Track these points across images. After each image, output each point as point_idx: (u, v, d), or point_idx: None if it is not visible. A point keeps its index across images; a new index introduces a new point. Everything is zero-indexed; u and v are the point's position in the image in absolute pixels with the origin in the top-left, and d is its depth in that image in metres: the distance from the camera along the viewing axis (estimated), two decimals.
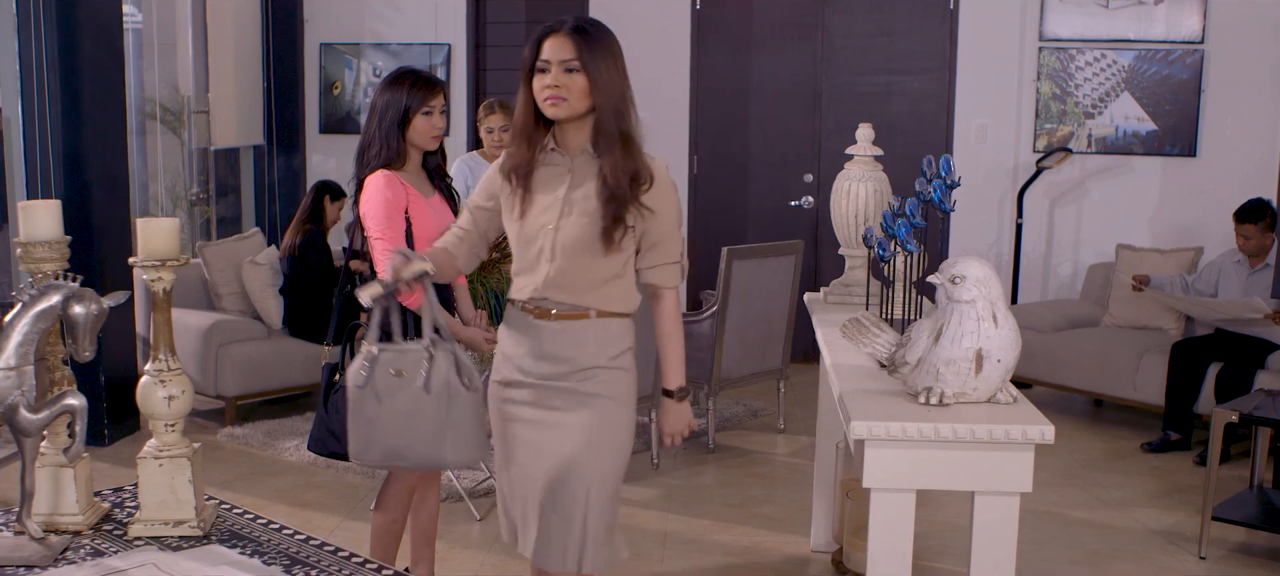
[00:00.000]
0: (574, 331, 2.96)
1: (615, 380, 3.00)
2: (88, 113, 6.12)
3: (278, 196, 8.70)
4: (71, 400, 2.55)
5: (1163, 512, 5.57)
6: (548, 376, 2.97)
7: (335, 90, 8.86)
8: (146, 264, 2.70)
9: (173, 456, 2.71)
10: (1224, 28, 7.59)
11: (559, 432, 2.96)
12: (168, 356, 2.74)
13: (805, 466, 6.10)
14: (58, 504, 2.75)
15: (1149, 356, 6.72)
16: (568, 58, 2.85)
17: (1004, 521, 3.06)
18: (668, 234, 2.99)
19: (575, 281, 2.93)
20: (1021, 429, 2.97)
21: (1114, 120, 7.83)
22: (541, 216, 2.94)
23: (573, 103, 2.86)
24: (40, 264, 2.69)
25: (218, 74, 8.11)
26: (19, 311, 2.54)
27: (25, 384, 2.51)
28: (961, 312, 3.09)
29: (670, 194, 2.99)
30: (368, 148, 3.81)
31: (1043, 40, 7.88)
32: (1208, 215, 7.60)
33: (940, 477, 3.05)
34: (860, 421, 2.99)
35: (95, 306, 2.55)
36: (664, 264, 3.02)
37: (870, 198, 4.68)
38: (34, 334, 2.53)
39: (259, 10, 8.54)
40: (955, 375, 3.10)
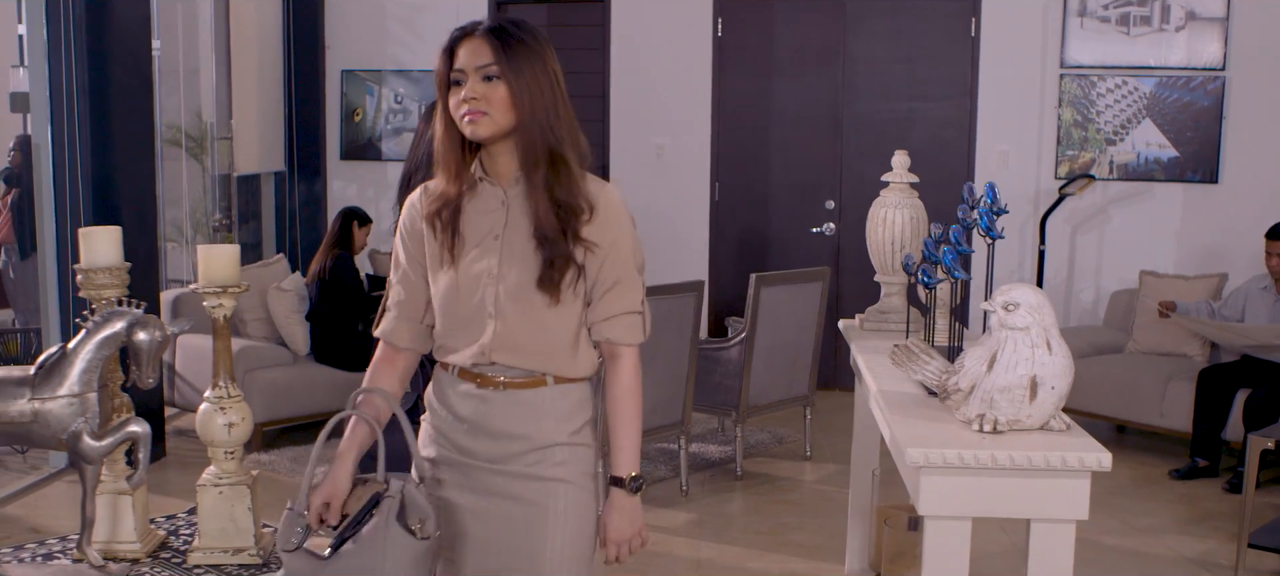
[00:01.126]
0: (528, 403, 2.43)
1: (578, 459, 2.46)
2: (118, 139, 6.13)
3: (298, 222, 8.71)
4: (134, 427, 2.55)
5: (1195, 540, 5.55)
6: (493, 459, 2.45)
7: (356, 117, 8.88)
8: (208, 290, 2.69)
9: (232, 484, 2.71)
10: (1245, 55, 7.60)
11: (511, 527, 2.45)
12: (227, 383, 2.74)
13: (834, 493, 6.09)
14: (116, 531, 2.74)
15: (1175, 383, 6.71)
16: (485, 64, 2.34)
17: (1060, 549, 3.05)
18: (622, 277, 2.43)
19: (527, 341, 2.41)
20: (1078, 456, 2.97)
21: (1135, 147, 7.83)
22: (479, 263, 2.42)
23: (495, 117, 2.34)
24: (101, 290, 2.70)
25: (240, 100, 8.13)
26: (83, 338, 2.54)
27: (89, 411, 2.51)
28: (1016, 340, 3.08)
29: (622, 226, 2.43)
30: (413, 174, 3.78)
31: (1064, 67, 7.89)
32: (1230, 241, 7.60)
33: (996, 505, 3.04)
34: (916, 449, 2.98)
35: (159, 333, 2.55)
36: (620, 314, 2.44)
37: (906, 224, 4.68)
38: (97, 361, 2.54)
39: (281, 37, 8.57)
40: (1009, 402, 3.10)
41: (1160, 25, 7.73)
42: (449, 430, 2.48)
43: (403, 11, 8.72)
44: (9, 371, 2.53)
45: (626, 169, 8.45)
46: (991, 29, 8.01)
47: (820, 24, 8.29)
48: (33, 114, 6.22)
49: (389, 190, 8.83)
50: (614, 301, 2.42)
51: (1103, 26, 7.80)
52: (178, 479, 6.08)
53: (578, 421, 2.46)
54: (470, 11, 8.49)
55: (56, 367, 2.52)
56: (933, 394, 3.48)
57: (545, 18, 8.67)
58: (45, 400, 2.48)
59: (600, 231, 2.39)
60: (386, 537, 2.34)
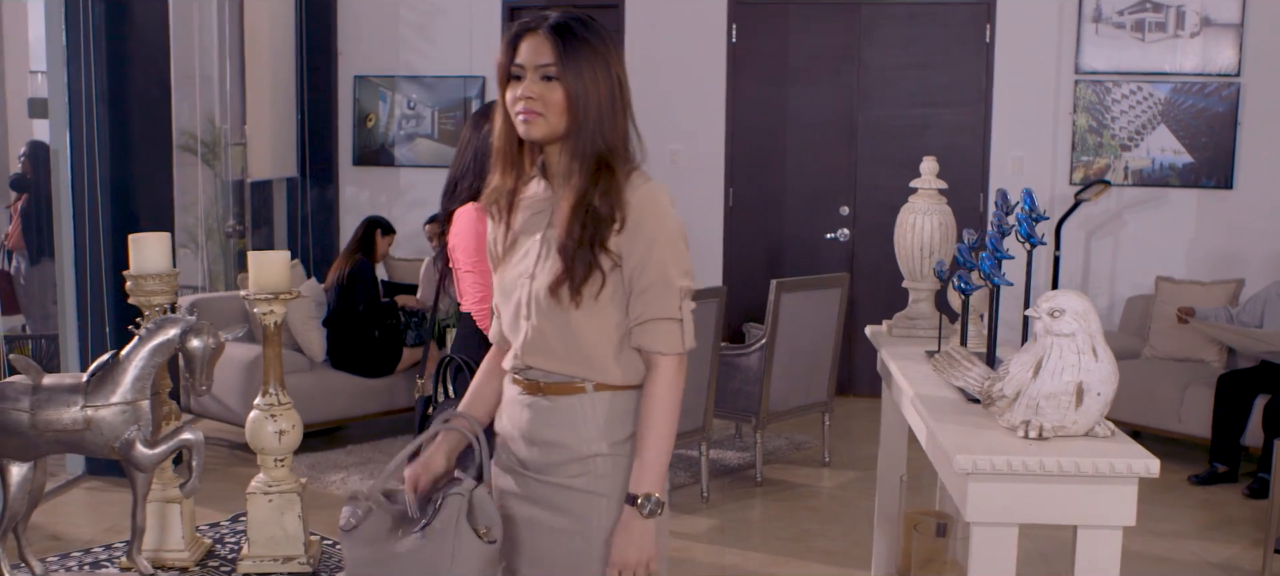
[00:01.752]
0: (566, 410, 2.37)
1: (617, 472, 2.37)
2: (137, 145, 6.12)
3: (311, 228, 8.70)
4: (188, 435, 2.54)
5: (1219, 545, 5.54)
6: (540, 468, 2.40)
7: (369, 122, 8.87)
8: (259, 297, 2.68)
9: (283, 492, 2.69)
10: (1260, 61, 7.61)
11: (556, 539, 2.40)
12: (278, 391, 2.73)
13: (855, 499, 6.08)
14: (164, 540, 2.73)
15: (1193, 388, 6.70)
16: (544, 63, 2.28)
17: (1108, 555, 3.04)
18: (656, 281, 2.31)
19: (557, 345, 2.35)
20: (1126, 462, 2.96)
21: (1150, 152, 7.84)
22: (521, 263, 2.40)
23: (549, 119, 2.29)
24: (151, 296, 2.68)
25: (253, 106, 8.12)
26: (135, 345, 2.53)
27: (142, 419, 2.50)
28: (1062, 346, 3.07)
29: (660, 231, 2.33)
30: (460, 179, 3.76)
31: (1079, 73, 7.90)
32: (1244, 247, 7.60)
33: (1043, 512, 3.03)
34: (965, 455, 2.96)
35: (212, 340, 2.53)
36: (654, 319, 2.33)
37: (935, 230, 4.67)
38: (150, 368, 2.52)
39: (294, 43, 8.56)
40: (1055, 408, 3.09)
41: (1175, 31, 7.73)
42: (506, 437, 2.47)
43: (416, 17, 8.71)
44: (60, 379, 2.52)
45: None
46: (1006, 35, 8.01)
47: (835, 31, 8.29)
48: (51, 120, 6.20)
49: (402, 196, 8.83)
50: (647, 307, 2.33)
51: (1117, 32, 7.81)
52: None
53: (621, 431, 2.37)
54: (484, 18, 8.52)
55: (109, 375, 2.51)
56: (972, 400, 3.47)
57: None
58: (98, 408, 2.47)
59: (630, 241, 2.30)
60: (455, 537, 2.32)
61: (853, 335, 7.84)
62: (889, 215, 8.07)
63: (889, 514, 5.02)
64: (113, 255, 6.09)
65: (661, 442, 2.33)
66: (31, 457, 2.50)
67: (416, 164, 8.86)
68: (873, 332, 4.97)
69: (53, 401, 2.44)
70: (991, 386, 3.26)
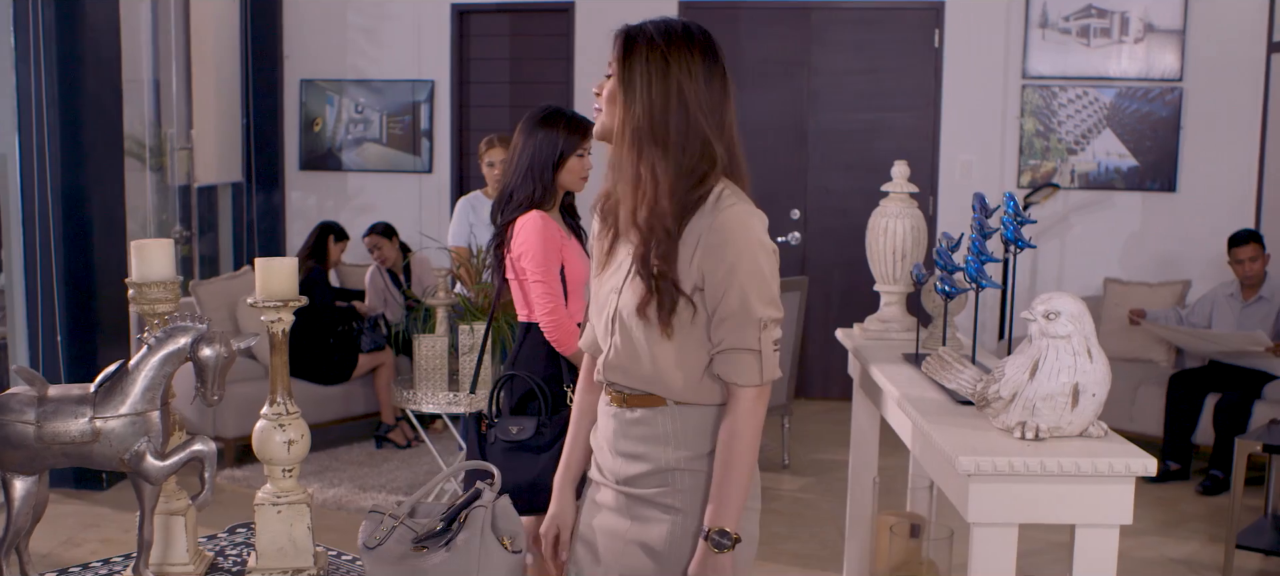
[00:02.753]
0: (647, 422, 2.32)
1: (696, 488, 2.31)
2: (89, 150, 6.00)
3: (256, 234, 8.58)
4: (200, 446, 2.49)
5: (1177, 542, 5.64)
6: (627, 479, 2.36)
7: (316, 127, 8.77)
8: (267, 305, 2.64)
9: (292, 503, 2.65)
10: (1201, 66, 7.76)
11: (630, 554, 2.36)
12: (285, 400, 2.69)
13: (818, 501, 6.11)
14: (168, 553, 2.68)
15: (1145, 388, 6.82)
16: (610, 61, 2.32)
17: (1105, 553, 3.08)
18: (735, 309, 2.23)
19: (634, 366, 2.31)
20: (1124, 461, 3.00)
21: (1096, 156, 7.97)
22: (613, 277, 2.37)
23: (605, 117, 2.32)
24: (155, 304, 2.63)
25: (200, 110, 7.99)
26: (145, 354, 2.47)
27: (152, 430, 2.45)
28: (1058, 348, 3.11)
29: (740, 256, 2.23)
30: (516, 189, 3.79)
31: (1026, 78, 8.01)
32: (1188, 249, 7.75)
33: (1042, 511, 3.06)
34: (968, 457, 2.99)
35: (224, 349, 2.49)
36: (732, 349, 2.25)
37: (907, 234, 4.70)
38: (160, 378, 2.47)
39: (238, 46, 8.44)
40: (1052, 409, 3.12)
41: (1119, 37, 7.87)
42: (596, 449, 2.46)
43: (364, 21, 8.63)
44: (66, 390, 2.46)
45: (591, 180, 8.40)
46: (955, 40, 8.10)
47: (785, 36, 8.34)
48: None
49: (350, 201, 8.74)
50: (726, 336, 2.25)
51: (1063, 37, 7.93)
52: None
53: (701, 446, 2.31)
54: (432, 21, 8.46)
55: (117, 385, 2.45)
56: (962, 402, 3.50)
57: (507, 27, 8.63)
58: (107, 419, 2.41)
59: (712, 265, 2.22)
60: (481, 549, 2.31)
61: (807, 338, 7.88)
62: (840, 219, 8.22)
63: (861, 516, 5.05)
64: (64, 262, 5.97)
65: (738, 477, 2.27)
66: (36, 471, 2.44)
67: (364, 168, 8.77)
68: (844, 335, 4.99)
69: (60, 413, 2.39)
70: (987, 388, 3.29)
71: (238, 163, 8.51)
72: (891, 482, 5.27)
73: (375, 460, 6.80)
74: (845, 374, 4.70)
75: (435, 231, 8.44)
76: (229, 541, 2.94)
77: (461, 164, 8.68)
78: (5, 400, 2.44)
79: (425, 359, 5.30)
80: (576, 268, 3.89)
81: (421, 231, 8.27)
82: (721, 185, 2.28)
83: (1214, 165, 7.79)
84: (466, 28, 8.62)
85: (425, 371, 5.29)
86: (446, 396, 5.24)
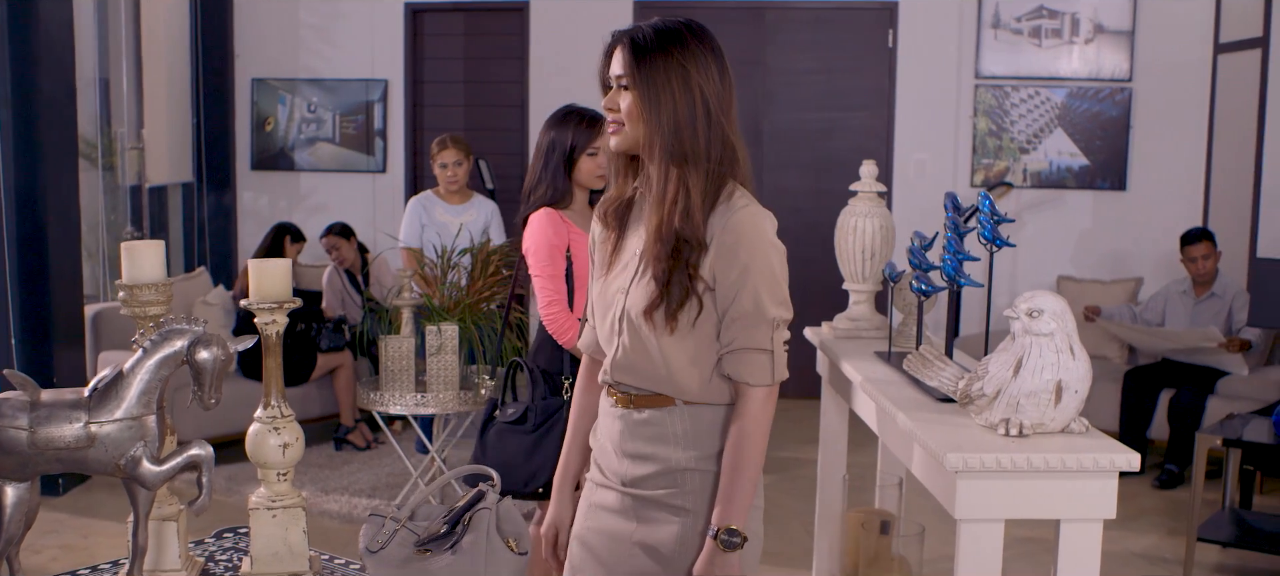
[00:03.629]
0: (656, 423, 2.32)
1: (705, 489, 2.32)
2: (44, 149, 5.90)
3: (208, 235, 8.48)
4: (197, 450, 2.46)
5: (1136, 536, 5.73)
6: (634, 481, 2.34)
7: (268, 126, 8.68)
8: (261, 306, 2.61)
9: (287, 506, 2.63)
10: (1150, 66, 7.89)
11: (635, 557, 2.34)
12: (279, 403, 2.66)
13: (780, 498, 6.14)
14: (160, 559, 2.65)
15: (1099, 384, 6.90)
16: (620, 73, 2.27)
17: (1089, 547, 3.12)
18: (748, 309, 2.25)
19: (644, 365, 2.30)
20: (1109, 457, 3.04)
21: (1048, 155, 8.07)
22: (619, 277, 2.37)
23: (629, 129, 2.27)
24: (146, 307, 2.59)
25: (151, 109, 7.88)
26: (140, 358, 2.44)
27: (148, 435, 2.42)
28: (1041, 346, 3.14)
29: (753, 256, 2.25)
30: (536, 187, 3.91)
31: (979, 78, 8.09)
32: (1139, 247, 7.87)
33: (1028, 507, 3.09)
34: (955, 454, 3.01)
35: (221, 351, 2.46)
36: (743, 349, 2.27)
37: (876, 233, 4.74)
38: (156, 382, 2.44)
39: (189, 44, 8.33)
40: (1035, 406, 3.16)
41: (1070, 37, 7.97)
42: (598, 449, 2.44)
43: (316, 20, 8.55)
44: (60, 394, 2.42)
45: None
46: (908, 40, 8.17)
47: (740, 35, 8.36)
48: None
49: (303, 201, 8.66)
50: (738, 336, 2.26)
51: (1015, 38, 8.02)
52: (110, 501, 5.87)
53: (709, 446, 2.31)
54: (386, 20, 8.40)
55: (112, 389, 2.42)
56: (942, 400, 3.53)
57: (461, 27, 8.59)
58: (102, 424, 2.38)
59: (725, 266, 2.23)
60: (487, 550, 2.32)
61: None
62: (795, 217, 8.26)
63: (830, 513, 5.09)
64: (17, 264, 5.87)
65: (747, 475, 2.27)
66: (28, 477, 2.40)
67: (317, 168, 8.69)
68: (813, 333, 5.02)
69: (53, 418, 2.35)
70: (971, 385, 3.32)
71: (188, 162, 8.41)
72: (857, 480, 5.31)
73: (335, 462, 6.74)
74: (801, 372, 4.73)
75: (390, 231, 8.39)
76: (217, 546, 2.91)
77: (415, 163, 8.63)
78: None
79: (392, 360, 5.26)
80: (586, 262, 3.96)
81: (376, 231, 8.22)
82: (731, 184, 2.28)
83: (1163, 164, 7.92)
84: (420, 27, 8.58)
85: (392, 373, 5.26)
86: (414, 397, 5.21)
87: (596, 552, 2.39)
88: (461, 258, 5.39)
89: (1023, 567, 5.28)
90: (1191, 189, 7.86)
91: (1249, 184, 7.44)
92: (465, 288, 5.31)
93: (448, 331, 5.17)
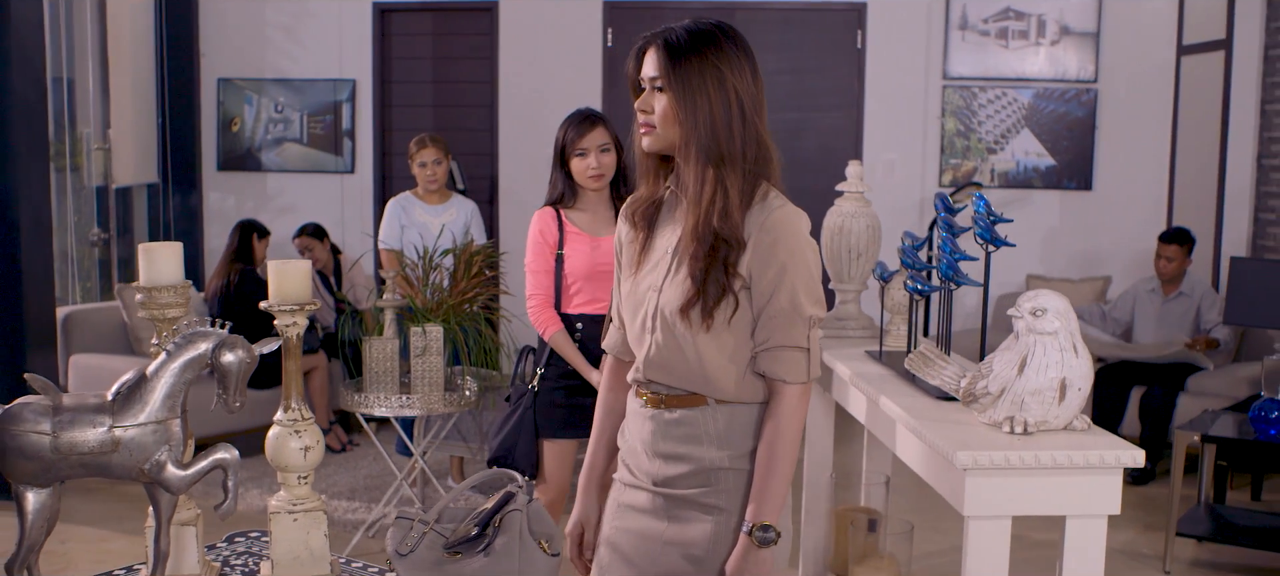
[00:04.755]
0: (689, 423, 2.33)
1: (739, 487, 2.33)
2: (14, 152, 5.82)
3: (174, 236, 8.38)
4: (223, 454, 2.44)
5: (1113, 531, 5.76)
6: (666, 481, 2.35)
7: (234, 127, 8.59)
8: (282, 308, 2.59)
9: (308, 510, 2.61)
10: (1115, 68, 7.99)
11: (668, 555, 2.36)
12: (300, 405, 2.64)
13: None
14: (179, 564, 2.62)
15: None
16: (654, 75, 2.28)
17: (1094, 542, 3.16)
18: (785, 308, 2.27)
19: (679, 364, 2.31)
20: (1115, 453, 3.07)
21: (1015, 155, 8.15)
22: (650, 276, 2.37)
23: (660, 131, 2.28)
24: (165, 310, 2.56)
25: (117, 109, 7.78)
26: (164, 361, 2.41)
27: (173, 439, 2.39)
28: (1045, 344, 3.18)
29: (790, 255, 2.27)
30: (551, 185, 4.13)
31: (946, 78, 8.16)
32: (1105, 246, 7.97)
33: (1034, 504, 3.13)
34: (966, 452, 3.05)
35: (246, 354, 2.44)
36: (780, 347, 2.29)
37: (863, 233, 4.77)
38: (180, 385, 2.41)
39: (153, 44, 8.24)
40: (1040, 404, 3.19)
41: (1036, 39, 8.06)
42: (628, 450, 2.45)
43: (284, 19, 8.48)
44: (82, 398, 2.39)
45: (517, 178, 8.40)
46: (877, 41, 8.22)
47: None
48: None
49: (270, 202, 8.59)
50: (774, 334, 2.28)
51: (983, 39, 8.10)
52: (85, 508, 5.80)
53: (743, 444, 2.33)
54: (354, 20, 8.34)
55: (135, 393, 2.39)
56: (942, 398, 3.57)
57: (430, 26, 8.55)
58: (127, 428, 2.35)
59: (762, 265, 2.25)
60: (521, 552, 2.32)
61: None
62: None
63: (817, 510, 5.11)
64: None
65: (781, 472, 2.30)
66: (50, 483, 2.37)
67: (285, 169, 8.62)
68: None
69: (77, 422, 2.32)
70: (975, 384, 3.35)
71: (154, 163, 8.31)
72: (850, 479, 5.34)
73: None
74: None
75: (358, 232, 8.35)
76: (231, 550, 2.88)
77: (384, 164, 8.58)
78: (17, 410, 2.36)
79: (376, 361, 5.23)
80: (579, 261, 4.13)
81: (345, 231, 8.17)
82: (764, 184, 2.31)
83: (1128, 164, 8.03)
84: (388, 26, 8.53)
85: (376, 375, 5.23)
86: (398, 399, 5.19)
87: (626, 553, 2.41)
88: (443, 258, 5.37)
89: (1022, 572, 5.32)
90: (1156, 189, 7.97)
91: (1213, 184, 7.56)
92: (448, 288, 5.29)
93: (433, 332, 5.15)
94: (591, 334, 4.18)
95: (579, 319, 4.20)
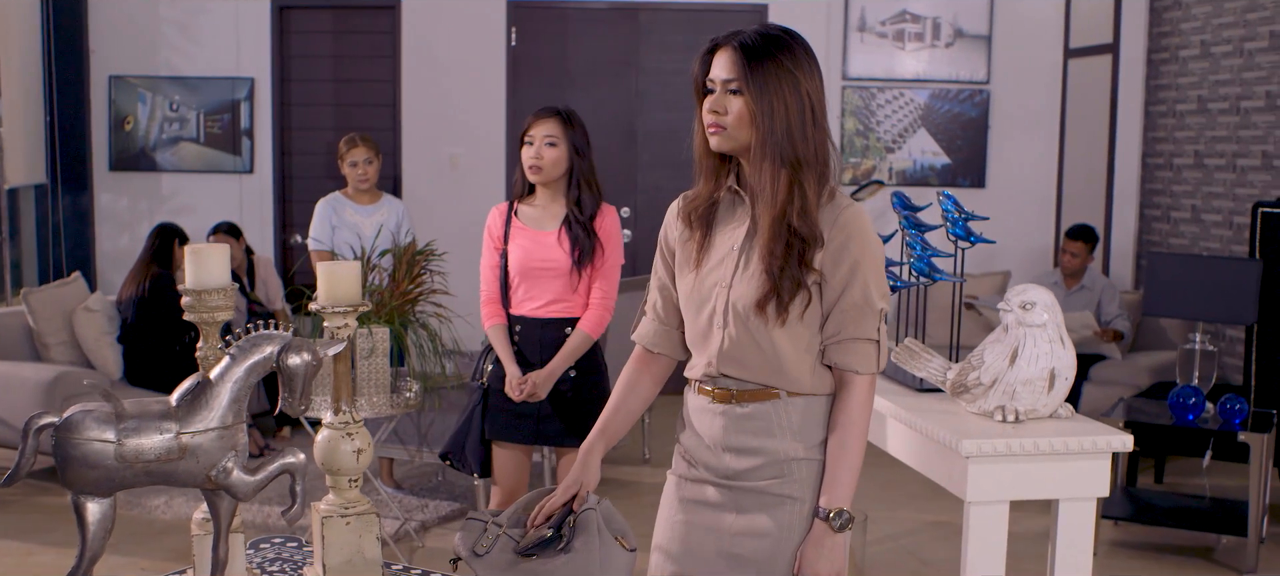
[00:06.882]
0: (761, 417, 2.41)
1: (813, 477, 2.41)
2: None
3: (63, 239, 8.11)
4: (290, 459, 2.42)
5: (1030, 517, 6.02)
6: (736, 474, 2.43)
7: (127, 125, 8.35)
8: (333, 311, 2.58)
9: (360, 514, 2.60)
10: (1005, 70, 8.30)
11: (744, 545, 2.43)
12: (350, 408, 2.64)
13: None
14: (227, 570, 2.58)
15: None
16: (730, 77, 2.35)
17: (1085, 522, 3.33)
18: (858, 301, 2.35)
19: (752, 357, 2.39)
20: (1105, 439, 3.25)
21: (912, 154, 8.40)
22: (716, 272, 2.43)
23: (732, 132, 2.35)
24: (214, 312, 2.52)
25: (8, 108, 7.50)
26: (229, 365, 2.38)
27: (239, 444, 2.37)
28: (1035, 336, 3.34)
29: (863, 251, 2.36)
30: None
31: (846, 79, 8.36)
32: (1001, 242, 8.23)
33: (1030, 488, 3.29)
34: (970, 441, 3.18)
35: (310, 356, 2.43)
36: (852, 339, 2.37)
37: None
38: (246, 390, 2.39)
39: (40, 39, 7.95)
40: (1030, 393, 3.34)
41: (931, 41, 8.32)
42: (692, 448, 2.50)
43: (178, 15, 8.27)
44: (144, 404, 2.35)
45: (419, 178, 8.34)
46: None
47: (613, 35, 8.45)
48: None
49: (166, 203, 8.37)
50: (846, 326, 2.37)
51: (880, 41, 8.33)
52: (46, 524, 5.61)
53: (815, 435, 2.42)
54: (252, 17, 8.19)
55: (201, 398, 2.35)
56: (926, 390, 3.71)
57: (330, 24, 8.44)
58: (193, 434, 2.32)
59: (834, 261, 2.34)
60: (602, 549, 2.37)
61: None
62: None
63: None
64: None
65: (853, 459, 2.39)
66: (111, 492, 2.33)
67: (181, 169, 8.41)
68: None
69: (141, 429, 2.28)
70: (965, 375, 3.49)
71: (41, 163, 8.03)
72: None
73: None
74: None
75: (258, 233, 8.20)
76: (261, 557, 2.85)
77: (283, 164, 8.44)
78: (79, 418, 2.31)
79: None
80: (521, 256, 4.20)
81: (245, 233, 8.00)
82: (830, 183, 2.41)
83: (1019, 162, 8.34)
84: (287, 24, 8.39)
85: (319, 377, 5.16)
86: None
87: (691, 546, 2.49)
88: (381, 259, 5.32)
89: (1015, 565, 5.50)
90: (1046, 187, 8.30)
91: (1102, 182, 7.91)
92: (389, 289, 5.24)
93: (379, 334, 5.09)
94: (528, 337, 4.17)
95: (519, 321, 4.21)
